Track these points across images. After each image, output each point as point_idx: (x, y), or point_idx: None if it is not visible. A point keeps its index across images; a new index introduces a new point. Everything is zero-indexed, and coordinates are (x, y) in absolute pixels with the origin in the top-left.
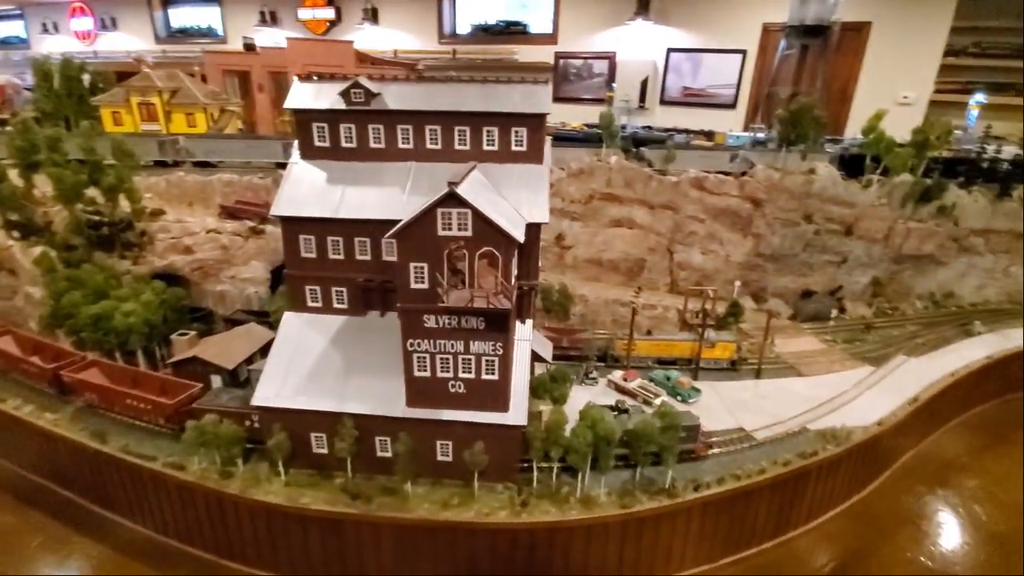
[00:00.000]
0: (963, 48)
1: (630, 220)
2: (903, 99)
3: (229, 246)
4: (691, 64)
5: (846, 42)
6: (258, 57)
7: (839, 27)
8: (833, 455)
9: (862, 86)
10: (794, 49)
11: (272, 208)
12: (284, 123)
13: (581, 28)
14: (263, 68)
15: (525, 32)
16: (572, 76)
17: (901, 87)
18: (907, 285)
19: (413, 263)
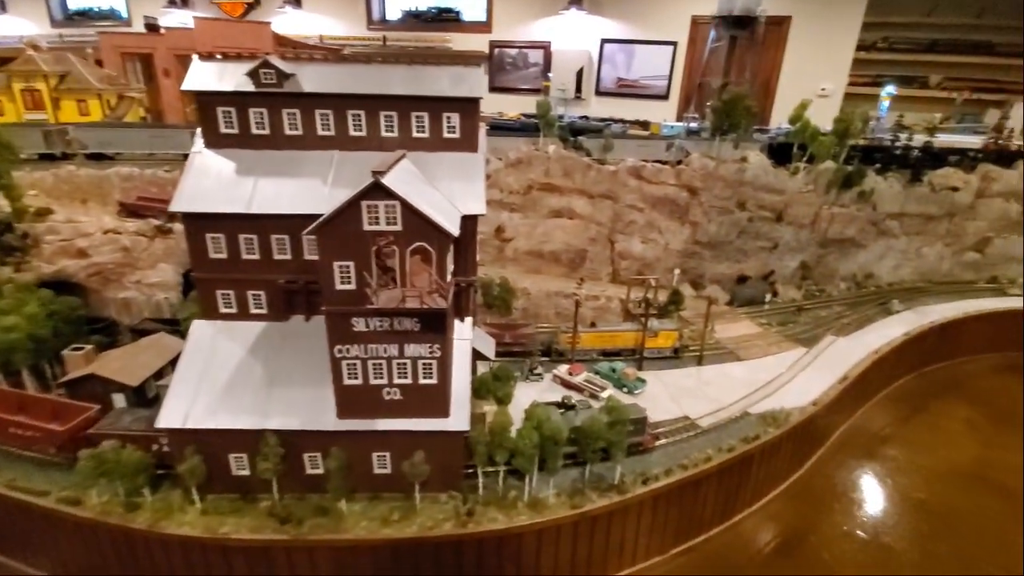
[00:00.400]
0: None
1: (570, 210)
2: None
3: (131, 248)
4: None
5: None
6: (162, 39)
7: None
8: (774, 437)
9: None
10: (723, 40)
11: (171, 203)
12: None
13: (515, 17)
14: (168, 51)
15: (458, 20)
16: (508, 66)
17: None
18: (832, 268)
19: (337, 262)
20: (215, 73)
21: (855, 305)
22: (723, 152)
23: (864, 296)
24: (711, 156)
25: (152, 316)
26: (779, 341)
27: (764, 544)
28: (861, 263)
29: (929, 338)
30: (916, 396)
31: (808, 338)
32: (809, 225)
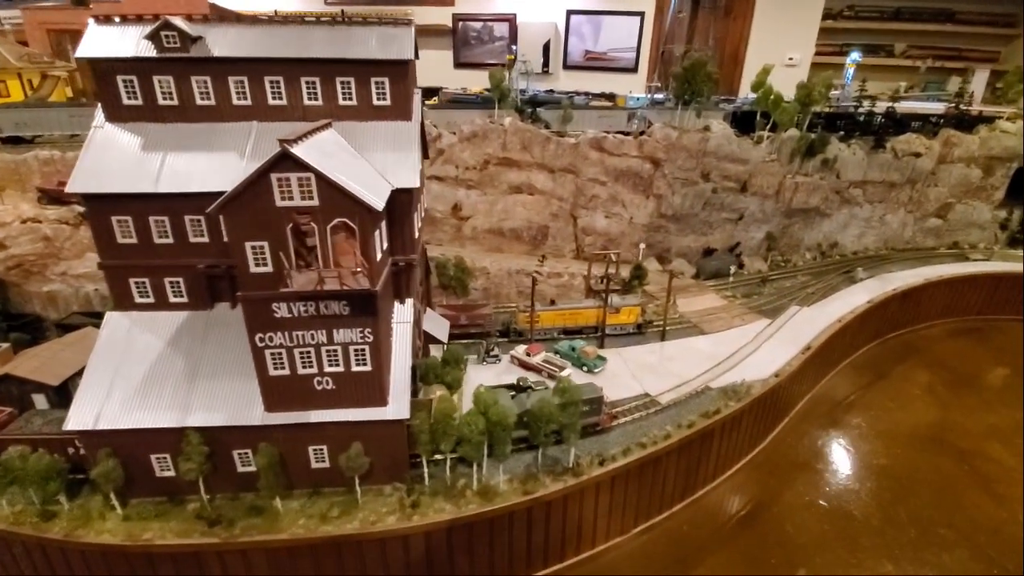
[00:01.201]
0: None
1: (530, 186)
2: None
3: (54, 237)
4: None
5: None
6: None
7: None
8: (735, 411)
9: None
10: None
11: (68, 184)
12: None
13: None
14: None
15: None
16: (473, 40)
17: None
18: (797, 238)
19: (250, 242)
20: (114, 38)
21: (820, 274)
22: (686, 122)
23: (829, 265)
24: (674, 126)
25: (81, 310)
26: (743, 313)
27: (727, 518)
28: (826, 232)
29: (891, 305)
30: (878, 363)
31: (772, 309)
32: (774, 195)
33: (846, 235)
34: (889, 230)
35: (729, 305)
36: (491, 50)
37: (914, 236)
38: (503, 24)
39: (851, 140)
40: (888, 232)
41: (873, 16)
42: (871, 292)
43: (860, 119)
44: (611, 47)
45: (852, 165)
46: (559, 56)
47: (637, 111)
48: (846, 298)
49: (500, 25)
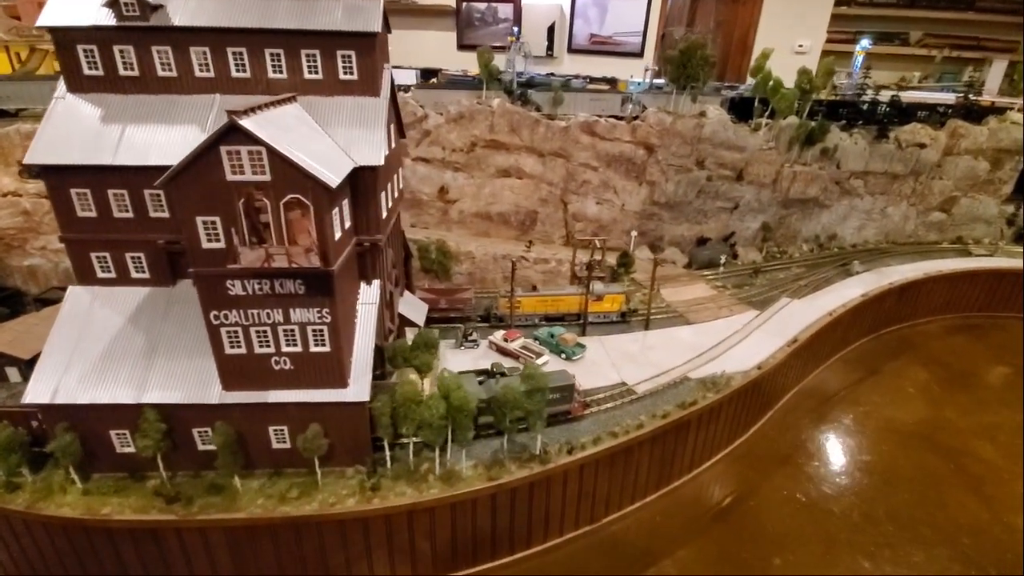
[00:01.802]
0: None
1: (518, 169)
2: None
3: (33, 211)
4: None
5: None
6: None
7: None
8: (713, 402)
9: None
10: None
11: (27, 155)
12: None
13: None
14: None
15: None
16: (477, 21)
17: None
18: (794, 229)
19: (201, 217)
20: (74, 6)
21: (815, 267)
22: (681, 107)
23: (825, 257)
24: (668, 111)
25: (60, 284)
26: (732, 304)
27: (702, 510)
28: (824, 224)
29: (888, 300)
30: (871, 358)
31: (762, 301)
32: (770, 184)
33: (845, 227)
34: (890, 223)
35: (718, 295)
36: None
37: (916, 230)
38: (507, 6)
39: (853, 129)
40: (889, 225)
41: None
42: (867, 286)
43: (863, 107)
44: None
45: (853, 155)
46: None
47: (632, 95)
48: (840, 291)
49: (504, 7)
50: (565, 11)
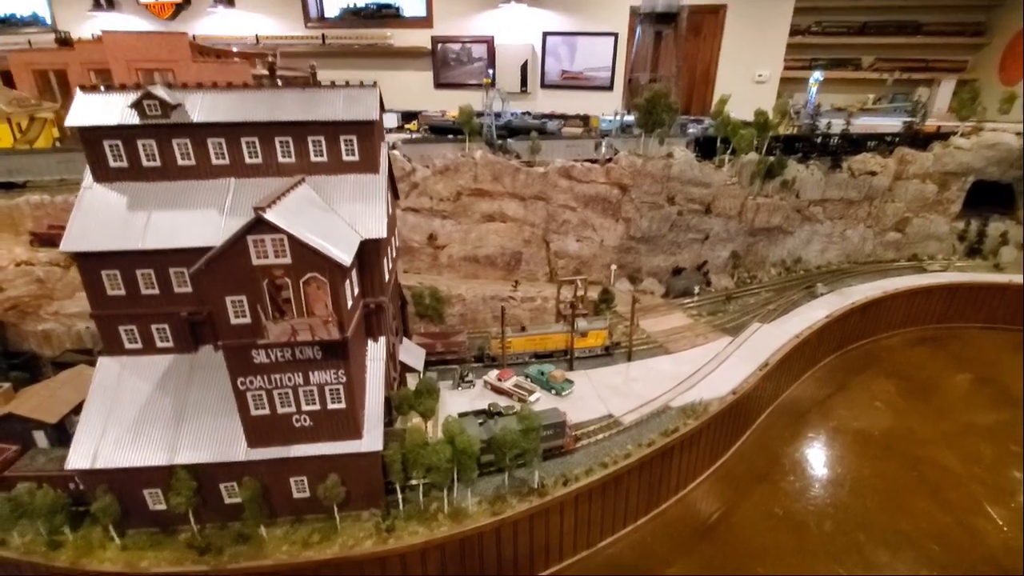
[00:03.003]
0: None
1: (502, 214)
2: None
3: (46, 279)
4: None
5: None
6: (74, 53)
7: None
8: (693, 429)
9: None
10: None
11: (62, 243)
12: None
13: (456, 11)
14: (83, 66)
15: (398, 15)
16: (452, 61)
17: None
18: (762, 255)
19: (230, 297)
20: (99, 106)
21: (783, 290)
22: (650, 149)
23: (792, 280)
24: (638, 154)
25: (74, 347)
26: (707, 332)
27: (689, 529)
28: (789, 249)
29: (851, 318)
30: (838, 374)
31: (735, 327)
32: (737, 216)
33: (809, 251)
34: (850, 245)
35: (694, 324)
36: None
37: (875, 250)
38: (481, 46)
39: (809, 161)
40: (849, 247)
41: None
42: (830, 307)
43: (817, 141)
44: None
45: (811, 185)
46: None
47: (603, 141)
48: (805, 313)
49: (478, 47)
50: (537, 50)
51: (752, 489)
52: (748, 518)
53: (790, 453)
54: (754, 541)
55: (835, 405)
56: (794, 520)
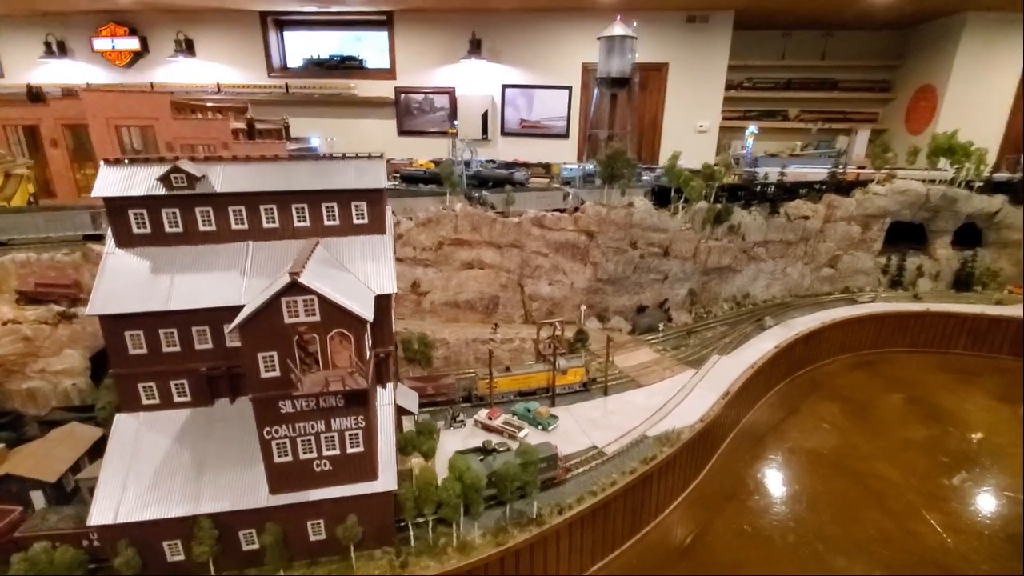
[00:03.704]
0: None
1: (480, 261)
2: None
3: (34, 337)
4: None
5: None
6: (48, 109)
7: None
8: (669, 456)
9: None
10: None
11: (88, 307)
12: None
13: (419, 64)
14: (56, 121)
15: (362, 67)
16: (415, 110)
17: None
18: (715, 292)
19: (261, 353)
20: (123, 178)
21: (735, 324)
22: (613, 199)
23: (743, 314)
24: (603, 204)
25: (60, 405)
26: (673, 365)
27: (669, 550)
28: (739, 285)
29: (796, 348)
30: (788, 399)
31: (697, 359)
32: (691, 257)
33: (756, 287)
34: (791, 280)
35: (661, 358)
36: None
37: (812, 284)
38: (443, 96)
39: (751, 208)
40: (790, 282)
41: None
42: (778, 338)
43: (757, 190)
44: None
45: (754, 229)
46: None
47: (570, 191)
48: (757, 345)
49: (440, 97)
50: (496, 101)
51: (722, 509)
52: (720, 536)
53: (753, 474)
54: (727, 556)
55: (788, 428)
56: (761, 535)
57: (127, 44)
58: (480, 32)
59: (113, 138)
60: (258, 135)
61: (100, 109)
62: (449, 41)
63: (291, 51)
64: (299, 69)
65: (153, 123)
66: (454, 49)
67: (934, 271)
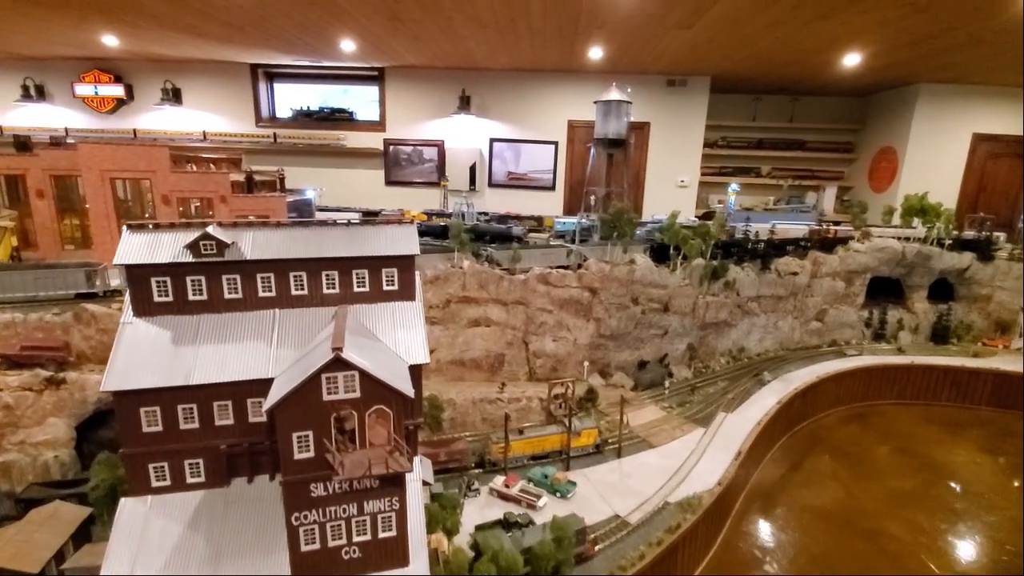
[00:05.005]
0: (715, 142)
1: (487, 319)
2: (680, 183)
3: (15, 406)
4: (512, 152)
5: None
6: (36, 160)
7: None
8: (693, 524)
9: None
10: (602, 156)
11: (103, 382)
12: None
13: (408, 117)
14: (44, 172)
15: (352, 119)
16: (404, 161)
17: (678, 173)
18: (712, 346)
19: (296, 432)
20: (148, 244)
21: (735, 378)
22: (615, 256)
23: (740, 368)
24: (606, 261)
25: (38, 480)
26: (681, 424)
27: None
28: (734, 339)
29: (795, 402)
30: (791, 455)
31: (703, 417)
32: (690, 312)
33: (750, 340)
34: (782, 334)
35: (668, 416)
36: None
37: (802, 337)
38: (432, 148)
39: (744, 264)
40: (781, 335)
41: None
42: (777, 393)
43: (748, 247)
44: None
45: (747, 284)
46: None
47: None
48: (759, 401)
49: (429, 149)
50: (484, 154)
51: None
52: None
53: (768, 536)
54: None
55: (795, 485)
56: None
57: (111, 91)
58: (470, 89)
59: (107, 190)
60: (256, 187)
61: (96, 161)
62: (439, 96)
63: (280, 102)
64: (287, 119)
65: (150, 176)
66: (444, 104)
67: (913, 324)
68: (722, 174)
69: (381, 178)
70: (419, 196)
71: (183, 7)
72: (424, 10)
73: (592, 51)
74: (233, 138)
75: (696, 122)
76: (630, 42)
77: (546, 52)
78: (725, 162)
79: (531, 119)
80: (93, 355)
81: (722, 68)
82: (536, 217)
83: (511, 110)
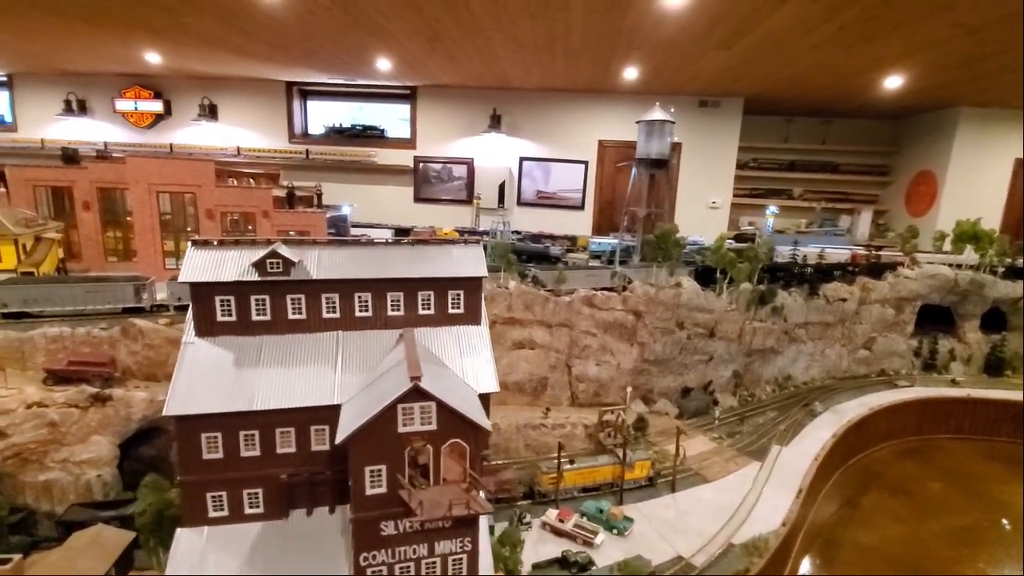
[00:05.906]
0: (747, 163)
1: (531, 341)
2: (712, 204)
3: (60, 422)
4: (542, 171)
5: None
6: (84, 172)
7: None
8: (760, 569)
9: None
10: (644, 176)
11: (165, 407)
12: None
13: (439, 136)
14: (92, 184)
15: (383, 136)
16: (433, 179)
17: (709, 194)
18: (758, 373)
19: (369, 467)
20: (213, 262)
21: (783, 408)
22: (660, 279)
23: (787, 397)
24: (651, 283)
25: (80, 500)
26: (734, 457)
27: None
28: (780, 367)
29: (849, 436)
30: (846, 491)
31: (756, 449)
32: (736, 339)
33: (796, 368)
34: (829, 362)
35: (719, 448)
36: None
37: (849, 366)
38: (462, 166)
39: (791, 289)
40: (828, 364)
41: (773, 167)
42: (831, 426)
43: (795, 272)
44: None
45: (795, 310)
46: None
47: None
48: (813, 434)
49: (459, 167)
50: (514, 172)
51: None
52: None
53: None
54: None
55: (855, 525)
56: None
57: (150, 107)
58: (501, 108)
59: (153, 203)
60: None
61: (144, 174)
62: (470, 115)
63: (313, 118)
64: (320, 136)
65: (196, 190)
66: (475, 122)
67: (965, 355)
68: (753, 196)
69: (410, 195)
70: (447, 213)
71: (230, 27)
72: (464, 30)
73: (627, 71)
74: (266, 153)
75: (728, 143)
76: (666, 62)
77: (580, 72)
78: (756, 184)
79: (561, 138)
80: (139, 371)
81: (756, 89)
82: (569, 237)
83: (542, 129)
